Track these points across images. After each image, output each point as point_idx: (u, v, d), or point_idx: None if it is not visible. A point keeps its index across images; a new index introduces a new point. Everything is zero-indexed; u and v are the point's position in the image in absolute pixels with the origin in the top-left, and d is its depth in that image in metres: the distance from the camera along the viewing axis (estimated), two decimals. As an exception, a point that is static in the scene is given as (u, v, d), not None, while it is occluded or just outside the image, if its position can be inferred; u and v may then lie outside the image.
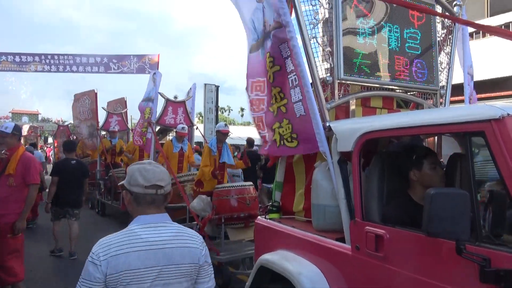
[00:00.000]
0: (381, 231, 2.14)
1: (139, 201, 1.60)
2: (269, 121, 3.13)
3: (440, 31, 3.59)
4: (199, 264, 1.64)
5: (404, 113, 2.80)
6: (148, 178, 1.57)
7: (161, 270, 1.53)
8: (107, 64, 17.00)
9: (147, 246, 1.52)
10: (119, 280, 1.46)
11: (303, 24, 2.85)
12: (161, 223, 1.61)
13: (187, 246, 1.62)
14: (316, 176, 2.84)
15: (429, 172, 2.24)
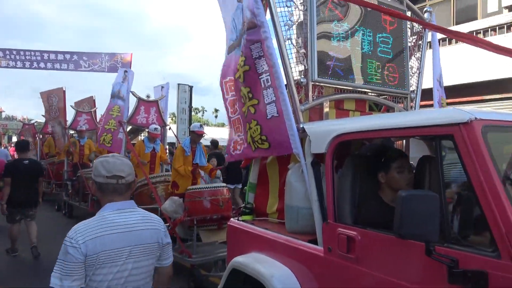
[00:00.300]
0: (352, 232, 2.16)
1: (103, 190, 1.80)
2: (243, 123, 3.10)
3: (411, 36, 3.67)
4: (162, 244, 1.89)
5: (376, 116, 2.84)
6: (109, 169, 1.77)
7: (132, 249, 1.75)
8: (77, 62, 16.45)
9: (119, 228, 1.73)
10: (96, 260, 1.66)
11: (278, 25, 2.84)
12: (128, 209, 1.82)
13: (153, 228, 1.86)
14: (290, 178, 2.83)
15: (396, 176, 2.27)
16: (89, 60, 16.58)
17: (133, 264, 1.76)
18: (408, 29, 3.60)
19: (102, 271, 1.68)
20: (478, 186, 1.62)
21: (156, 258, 1.89)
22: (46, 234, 6.80)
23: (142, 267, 1.80)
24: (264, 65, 2.84)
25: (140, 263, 1.79)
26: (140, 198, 6.04)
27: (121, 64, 16.76)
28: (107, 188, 1.78)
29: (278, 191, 3.22)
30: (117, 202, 1.79)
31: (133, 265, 1.76)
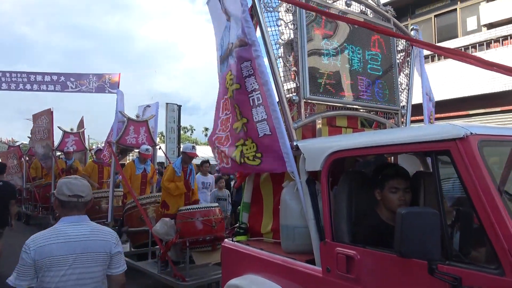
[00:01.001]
0: (352, 252, 2.12)
1: (64, 206, 2.12)
2: (233, 137, 3.06)
3: (399, 53, 3.73)
4: (111, 254, 2.14)
5: (371, 133, 2.84)
6: (71, 189, 2.11)
7: (77, 257, 2.03)
8: (64, 83, 16.34)
9: (66, 238, 2.04)
10: (43, 264, 1.97)
11: (269, 44, 2.85)
12: (81, 222, 2.13)
13: (102, 239, 2.13)
14: (285, 196, 2.79)
15: (389, 195, 2.22)
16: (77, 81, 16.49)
17: (81, 269, 2.04)
18: (396, 46, 3.66)
19: (49, 273, 1.98)
20: (477, 201, 1.61)
21: (105, 266, 2.15)
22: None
23: (90, 272, 2.08)
24: (254, 83, 2.83)
25: (89, 269, 2.07)
26: (130, 220, 5.92)
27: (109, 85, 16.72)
28: (68, 205, 2.11)
29: (273, 210, 3.17)
30: (73, 216, 2.12)
31: (81, 270, 2.04)
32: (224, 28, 3.32)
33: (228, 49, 3.13)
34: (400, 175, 2.26)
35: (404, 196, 2.22)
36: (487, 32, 10.08)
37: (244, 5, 2.80)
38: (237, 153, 2.93)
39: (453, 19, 11.41)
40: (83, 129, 10.73)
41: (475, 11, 10.85)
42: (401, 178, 2.25)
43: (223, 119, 3.32)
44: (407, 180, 2.26)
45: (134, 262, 5.71)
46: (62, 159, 9.85)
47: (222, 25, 3.35)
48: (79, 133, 10.41)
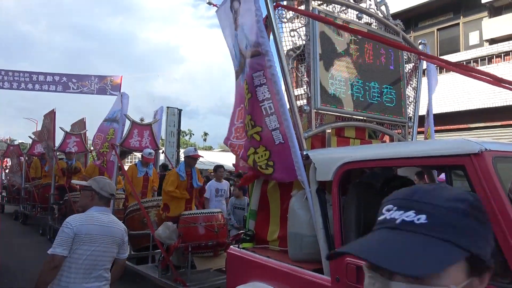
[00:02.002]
0: (362, 262, 2.13)
1: (101, 199, 2.68)
2: (245, 147, 3.10)
3: (407, 66, 3.78)
4: (123, 240, 2.72)
5: (383, 145, 2.87)
6: (112, 189, 2.74)
7: (106, 238, 2.57)
8: (66, 84, 16.36)
9: (100, 222, 2.58)
10: (81, 239, 2.46)
11: (282, 54, 2.89)
12: (108, 213, 2.72)
13: (120, 228, 2.71)
14: (293, 205, 2.81)
15: None
16: (78, 82, 16.52)
17: (105, 248, 2.57)
18: (404, 59, 3.71)
19: (83, 247, 2.47)
20: (491, 217, 1.64)
21: (117, 249, 2.68)
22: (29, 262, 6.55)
23: (110, 252, 2.62)
24: (266, 92, 2.88)
25: (110, 248, 2.61)
26: (132, 223, 5.91)
27: (110, 87, 16.75)
28: (105, 200, 2.69)
29: (280, 218, 3.19)
30: (102, 207, 2.68)
31: (105, 248, 2.57)
32: (233, 35, 3.36)
33: (243, 59, 3.17)
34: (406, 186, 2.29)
35: None
36: (489, 47, 10.19)
37: (258, 16, 2.85)
38: (251, 162, 2.97)
39: (456, 33, 11.53)
40: (85, 131, 10.73)
41: (478, 26, 10.97)
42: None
43: (238, 127, 3.36)
44: None
45: (134, 265, 5.70)
46: (63, 160, 9.83)
47: (231, 33, 3.39)
48: (81, 134, 10.40)
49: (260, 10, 2.86)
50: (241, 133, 3.24)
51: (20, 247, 5.74)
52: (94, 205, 2.64)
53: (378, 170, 2.94)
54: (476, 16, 11.09)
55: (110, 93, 16.82)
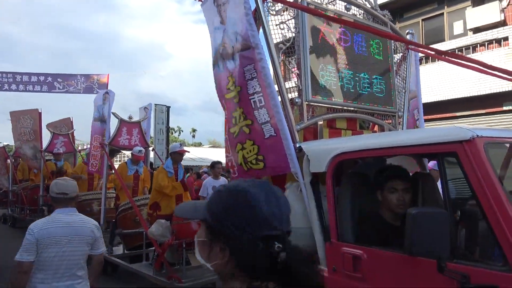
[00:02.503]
0: (358, 251, 2.16)
1: (55, 201, 2.75)
2: (231, 144, 3.08)
3: (395, 56, 3.81)
4: (95, 237, 2.78)
5: (375, 135, 2.89)
6: (59, 188, 2.72)
7: (71, 239, 2.64)
8: (51, 83, 16.06)
9: (62, 224, 2.65)
10: (44, 243, 2.54)
11: (272, 47, 2.88)
12: (72, 213, 2.75)
13: (89, 226, 2.76)
14: (287, 198, 2.81)
15: (388, 195, 2.27)
16: (64, 82, 16.23)
17: (72, 248, 2.64)
18: (392, 49, 3.73)
19: (48, 250, 2.55)
20: (484, 201, 1.67)
21: (90, 246, 2.76)
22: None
23: (79, 251, 2.69)
24: (256, 86, 2.86)
25: (78, 248, 2.68)
26: (124, 222, 5.87)
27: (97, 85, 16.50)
28: (58, 200, 2.73)
29: (274, 211, 3.20)
30: (65, 208, 2.73)
31: (72, 248, 2.64)
32: (214, 28, 3.32)
33: (223, 52, 3.14)
34: (399, 176, 2.31)
35: (403, 196, 2.27)
36: (473, 36, 10.32)
37: (247, 8, 2.83)
38: (241, 159, 2.96)
39: (440, 23, 11.66)
40: (72, 130, 10.58)
41: (462, 16, 11.10)
42: (400, 179, 2.29)
43: (225, 119, 3.33)
44: (406, 180, 2.31)
45: (128, 264, 5.66)
46: (51, 161, 9.69)
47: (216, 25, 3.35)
48: (68, 134, 10.25)
49: (249, 3, 2.85)
50: (226, 128, 3.21)
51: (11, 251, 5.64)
52: (56, 208, 2.74)
53: (371, 160, 2.97)
54: (459, 6, 11.21)
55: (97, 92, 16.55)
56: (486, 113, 10.27)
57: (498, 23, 10.04)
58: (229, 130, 3.08)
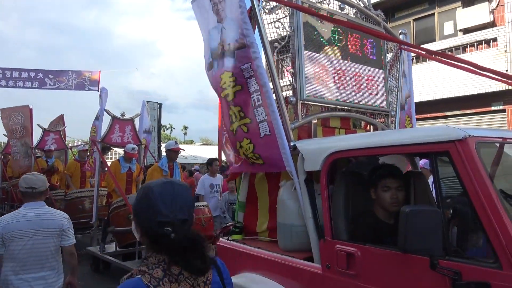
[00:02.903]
0: (351, 249, 2.19)
1: (24, 195, 2.87)
2: (232, 141, 3.10)
3: (388, 56, 3.85)
4: (63, 229, 2.88)
5: (369, 134, 2.92)
6: (27, 183, 2.83)
7: (36, 232, 2.76)
8: (42, 80, 15.87)
9: (27, 218, 2.78)
10: (9, 236, 2.69)
11: (267, 45, 2.89)
12: (39, 207, 2.85)
13: (55, 219, 2.88)
14: (282, 196, 2.84)
15: (381, 194, 2.31)
16: (55, 78, 16.04)
17: (39, 241, 2.76)
18: (386, 49, 3.77)
19: (14, 243, 2.70)
20: (476, 200, 1.71)
21: (58, 238, 2.87)
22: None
23: (46, 243, 2.80)
24: (255, 84, 2.88)
25: (44, 240, 2.79)
26: (117, 219, 5.84)
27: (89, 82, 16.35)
28: (26, 194, 2.83)
29: (268, 209, 3.22)
30: (32, 202, 2.83)
31: (38, 241, 2.76)
32: (211, 28, 3.32)
33: (222, 50, 3.15)
34: (392, 174, 2.34)
35: (396, 194, 2.31)
36: (463, 36, 10.44)
37: (242, 7, 2.84)
38: (242, 155, 2.98)
39: (431, 23, 11.78)
40: (63, 127, 10.48)
41: (452, 16, 11.22)
42: (393, 177, 2.33)
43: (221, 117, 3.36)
44: (399, 179, 2.35)
45: (121, 262, 5.65)
46: (42, 158, 9.59)
47: (210, 25, 3.34)
48: (60, 131, 10.15)
49: (244, 2, 2.85)
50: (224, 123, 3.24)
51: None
52: (25, 202, 2.87)
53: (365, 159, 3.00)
54: (450, 6, 11.34)
55: (88, 89, 16.42)
56: (475, 113, 10.45)
57: (487, 24, 10.19)
58: (229, 128, 3.10)
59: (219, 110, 18.29)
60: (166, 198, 1.24)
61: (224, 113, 3.18)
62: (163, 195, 1.24)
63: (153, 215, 1.20)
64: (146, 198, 1.24)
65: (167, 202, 1.23)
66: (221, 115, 3.23)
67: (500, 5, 10.66)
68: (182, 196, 1.28)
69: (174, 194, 1.26)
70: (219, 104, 3.39)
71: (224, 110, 3.16)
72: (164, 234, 1.18)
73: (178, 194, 1.27)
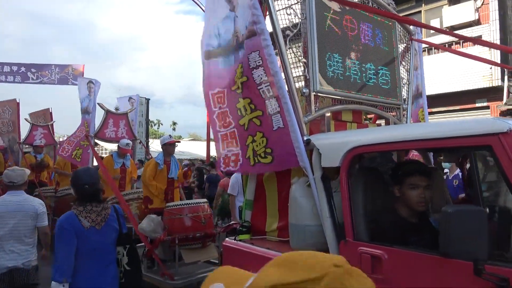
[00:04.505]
0: (378, 251, 2.03)
1: (7, 187, 3.53)
2: (241, 137, 2.91)
3: (400, 47, 3.69)
4: (37, 213, 3.51)
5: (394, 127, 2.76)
6: (8, 178, 3.50)
7: (14, 214, 3.40)
8: (24, 74, 15.35)
9: (7, 202, 3.44)
10: None
11: (279, 33, 2.71)
12: (18, 195, 3.51)
13: (31, 204, 3.53)
14: (295, 193, 2.67)
15: (407, 192, 2.16)
16: (38, 72, 15.54)
17: (17, 222, 3.40)
18: (397, 40, 3.61)
19: None
20: (524, 199, 1.56)
21: (35, 220, 3.49)
22: None
23: (23, 224, 3.43)
24: (262, 74, 2.69)
25: (22, 221, 3.42)
26: (111, 217, 5.61)
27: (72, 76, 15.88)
28: (8, 187, 3.52)
29: (278, 208, 3.05)
30: (12, 191, 3.50)
31: (17, 222, 3.40)
32: (223, 17, 3.13)
33: (237, 41, 2.97)
34: (421, 171, 2.19)
35: (424, 193, 2.16)
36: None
37: None
38: (250, 153, 2.80)
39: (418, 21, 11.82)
40: (52, 122, 10.14)
41: (438, 14, 11.27)
42: (422, 174, 2.18)
43: (218, 113, 3.15)
44: (428, 176, 2.20)
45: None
46: (30, 154, 9.26)
47: (222, 13, 3.16)
48: (48, 126, 9.81)
49: None
50: (226, 120, 3.03)
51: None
52: (8, 191, 3.53)
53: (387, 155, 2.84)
54: (436, 4, 11.41)
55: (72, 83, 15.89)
56: (460, 109, 10.62)
57: (472, 22, 10.40)
58: (237, 123, 2.91)
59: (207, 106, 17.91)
60: (85, 174, 2.92)
61: (230, 108, 2.98)
62: (84, 173, 2.96)
63: (80, 182, 2.82)
64: (77, 176, 2.92)
65: (85, 176, 2.88)
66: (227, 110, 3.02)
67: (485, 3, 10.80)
68: (91, 173, 2.99)
69: (88, 172, 2.98)
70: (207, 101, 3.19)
71: (231, 104, 2.97)
72: (84, 188, 2.81)
73: (90, 173, 2.98)
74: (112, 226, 2.88)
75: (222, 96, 3.10)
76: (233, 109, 2.97)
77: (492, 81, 11.05)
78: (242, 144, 2.90)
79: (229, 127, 3.03)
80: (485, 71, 10.53)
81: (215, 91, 3.17)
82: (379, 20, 3.41)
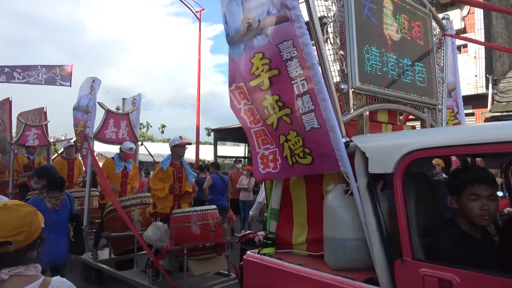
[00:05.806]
0: (446, 274, 1.71)
1: None
2: (273, 136, 2.59)
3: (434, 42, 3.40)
4: None
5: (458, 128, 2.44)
6: None
7: None
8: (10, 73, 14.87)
9: None
10: None
11: (316, 21, 2.39)
12: None
13: None
14: (332, 203, 2.35)
15: (466, 203, 1.87)
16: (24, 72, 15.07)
17: None
18: (432, 35, 3.32)
19: None
20: None
21: None
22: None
23: None
24: (298, 67, 2.37)
25: None
26: (112, 223, 5.25)
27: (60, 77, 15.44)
28: None
29: (307, 217, 2.73)
30: None
31: None
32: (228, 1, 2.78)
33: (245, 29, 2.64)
34: (483, 179, 1.89)
35: (487, 205, 1.85)
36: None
37: None
38: (287, 151, 2.47)
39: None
40: (46, 122, 9.71)
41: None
42: (484, 183, 1.88)
43: (244, 110, 2.82)
44: (492, 185, 1.89)
45: (115, 271, 5.06)
46: (23, 155, 8.83)
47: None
48: (42, 126, 9.38)
49: None
50: (255, 117, 2.69)
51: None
52: None
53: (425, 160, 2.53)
54: (424, 12, 11.51)
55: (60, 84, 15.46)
56: None
57: (458, 30, 10.63)
58: (265, 122, 2.58)
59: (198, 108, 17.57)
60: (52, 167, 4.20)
61: (256, 106, 2.66)
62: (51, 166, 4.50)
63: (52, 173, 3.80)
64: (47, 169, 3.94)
65: (52, 169, 4.01)
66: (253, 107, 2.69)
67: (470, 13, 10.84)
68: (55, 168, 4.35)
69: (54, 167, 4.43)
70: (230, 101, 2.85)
71: (256, 101, 2.64)
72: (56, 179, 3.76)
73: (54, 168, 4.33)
74: (66, 207, 3.76)
75: (241, 92, 2.77)
76: (259, 107, 2.65)
77: (477, 88, 11.32)
78: (276, 143, 2.58)
79: (258, 124, 2.70)
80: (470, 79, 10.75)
81: (232, 87, 2.85)
82: (415, 11, 3.12)
